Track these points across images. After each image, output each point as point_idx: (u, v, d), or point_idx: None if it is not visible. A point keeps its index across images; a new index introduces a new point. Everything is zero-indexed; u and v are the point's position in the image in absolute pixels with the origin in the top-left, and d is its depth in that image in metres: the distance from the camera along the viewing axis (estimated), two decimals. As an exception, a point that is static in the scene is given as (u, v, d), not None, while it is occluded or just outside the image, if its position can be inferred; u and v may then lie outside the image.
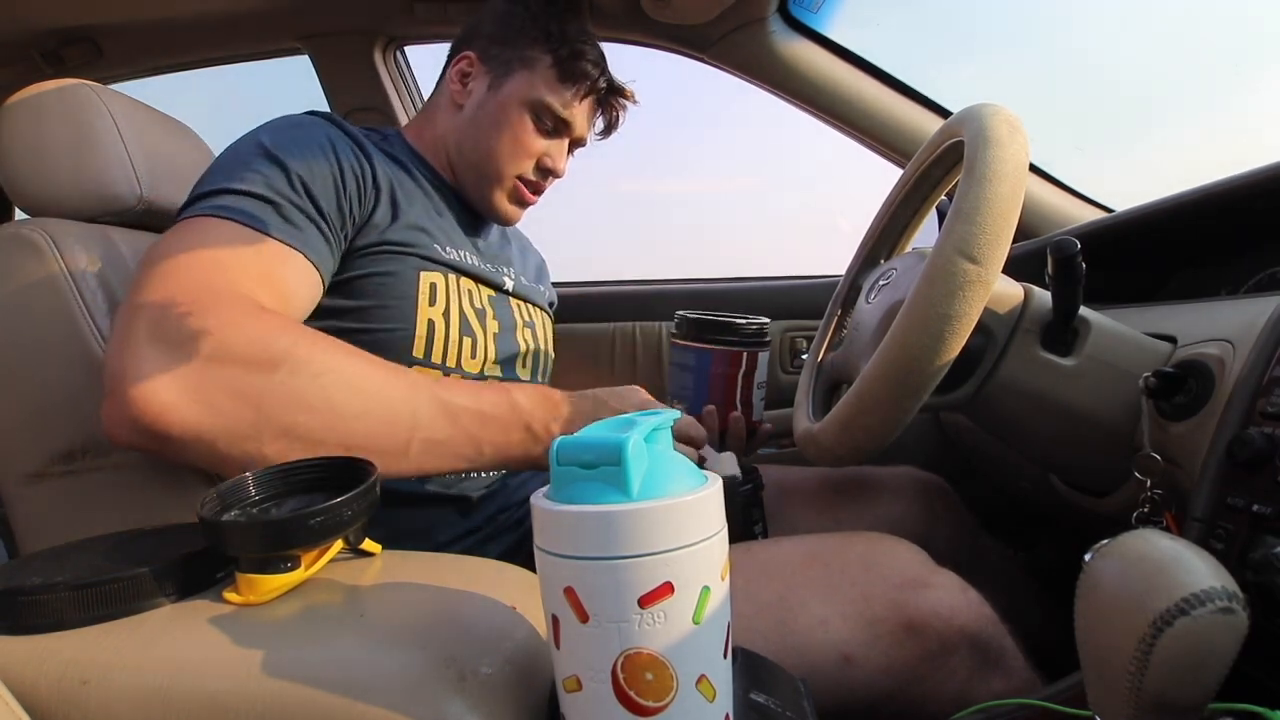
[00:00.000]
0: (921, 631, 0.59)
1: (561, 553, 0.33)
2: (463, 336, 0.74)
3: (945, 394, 0.64)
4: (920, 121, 1.18)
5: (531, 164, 0.83)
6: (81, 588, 0.41)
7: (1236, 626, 0.31)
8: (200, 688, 0.37)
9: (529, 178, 0.84)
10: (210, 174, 0.64)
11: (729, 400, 0.84)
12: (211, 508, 0.44)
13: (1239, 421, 0.49)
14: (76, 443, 0.58)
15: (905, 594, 0.61)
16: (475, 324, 0.76)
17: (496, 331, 0.79)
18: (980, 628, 0.60)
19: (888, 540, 0.67)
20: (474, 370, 0.75)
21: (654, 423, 0.36)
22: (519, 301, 0.86)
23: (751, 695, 0.42)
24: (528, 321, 0.86)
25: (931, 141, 0.74)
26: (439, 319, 0.72)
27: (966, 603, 0.61)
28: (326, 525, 0.43)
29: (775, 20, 1.14)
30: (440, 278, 0.74)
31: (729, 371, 0.84)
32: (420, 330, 0.71)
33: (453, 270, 0.76)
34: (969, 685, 0.59)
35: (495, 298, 0.81)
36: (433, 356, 0.71)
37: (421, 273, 0.72)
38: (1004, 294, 0.63)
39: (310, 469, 0.50)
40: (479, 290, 0.79)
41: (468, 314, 0.75)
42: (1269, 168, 0.69)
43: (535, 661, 0.42)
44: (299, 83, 1.30)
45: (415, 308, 0.71)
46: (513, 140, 0.81)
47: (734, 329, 0.84)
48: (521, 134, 0.81)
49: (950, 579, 0.63)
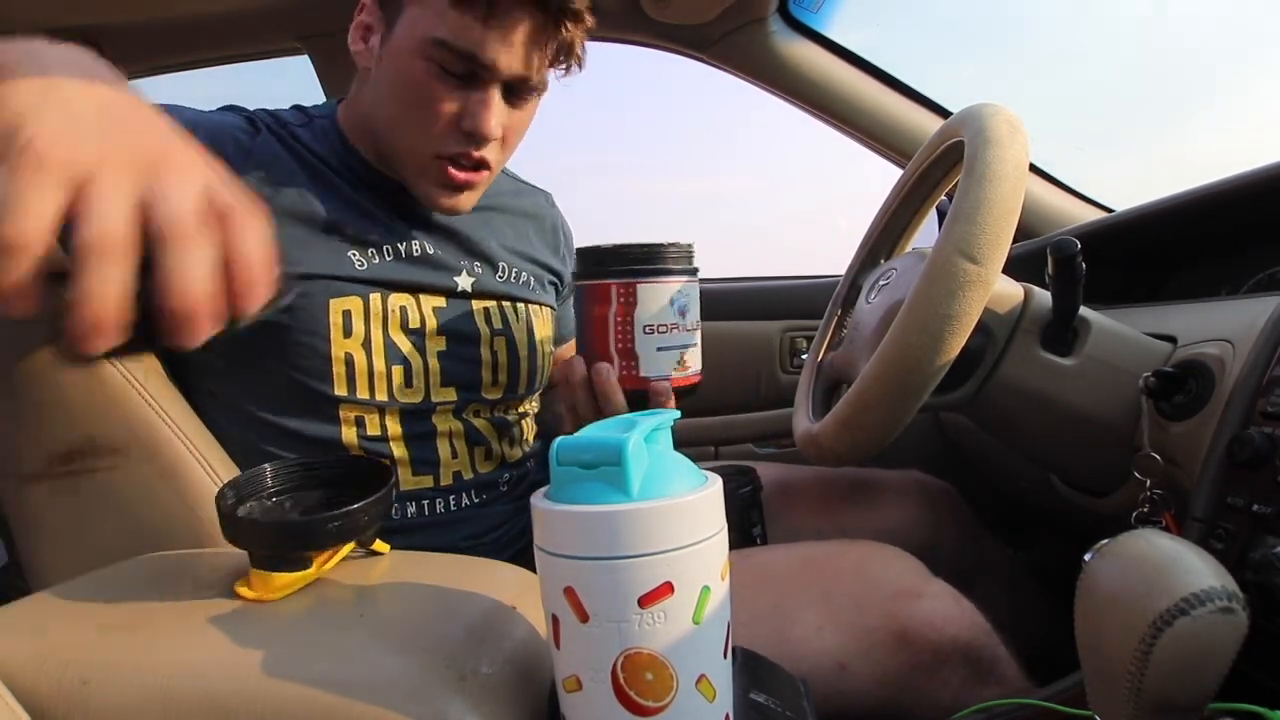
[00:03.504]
0: (914, 642, 0.59)
1: (561, 552, 0.33)
2: (390, 366, 0.64)
3: (945, 394, 0.64)
4: (920, 121, 1.18)
5: (448, 131, 0.62)
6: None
7: (1236, 626, 0.31)
8: (200, 687, 0.37)
9: (450, 149, 0.63)
10: None
11: (599, 350, 0.62)
12: (227, 499, 0.44)
13: (1239, 421, 0.49)
14: (76, 443, 0.58)
15: (898, 604, 0.61)
16: (407, 348, 0.65)
17: (442, 349, 0.67)
18: (973, 637, 0.60)
19: (882, 549, 0.67)
20: (414, 399, 0.66)
21: (654, 423, 0.36)
22: (485, 303, 0.72)
23: (751, 695, 0.42)
24: (499, 329, 0.72)
25: (931, 141, 0.74)
26: (358, 350, 0.63)
27: (960, 612, 0.61)
28: (344, 529, 0.44)
29: (775, 20, 1.14)
30: (355, 301, 0.63)
31: (597, 311, 0.62)
32: (338, 369, 0.63)
33: (374, 286, 0.64)
34: (962, 695, 0.59)
35: (445, 308, 0.68)
36: (358, 392, 0.64)
37: (331, 300, 0.62)
38: (1004, 294, 0.63)
39: (331, 465, 0.51)
40: (416, 303, 0.67)
41: (395, 339, 0.65)
42: (1269, 168, 0.69)
43: (535, 661, 0.42)
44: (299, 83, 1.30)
45: (329, 344, 0.62)
46: (415, 102, 0.62)
47: (618, 256, 0.62)
48: (424, 91, 0.61)
49: (943, 589, 0.63)
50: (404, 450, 0.67)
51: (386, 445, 0.66)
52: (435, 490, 0.68)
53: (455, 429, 0.69)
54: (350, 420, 0.65)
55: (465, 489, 0.70)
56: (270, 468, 0.48)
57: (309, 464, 0.50)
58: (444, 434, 0.69)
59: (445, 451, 0.69)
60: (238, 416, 0.65)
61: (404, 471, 0.67)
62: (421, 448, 0.68)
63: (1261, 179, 0.70)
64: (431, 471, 0.68)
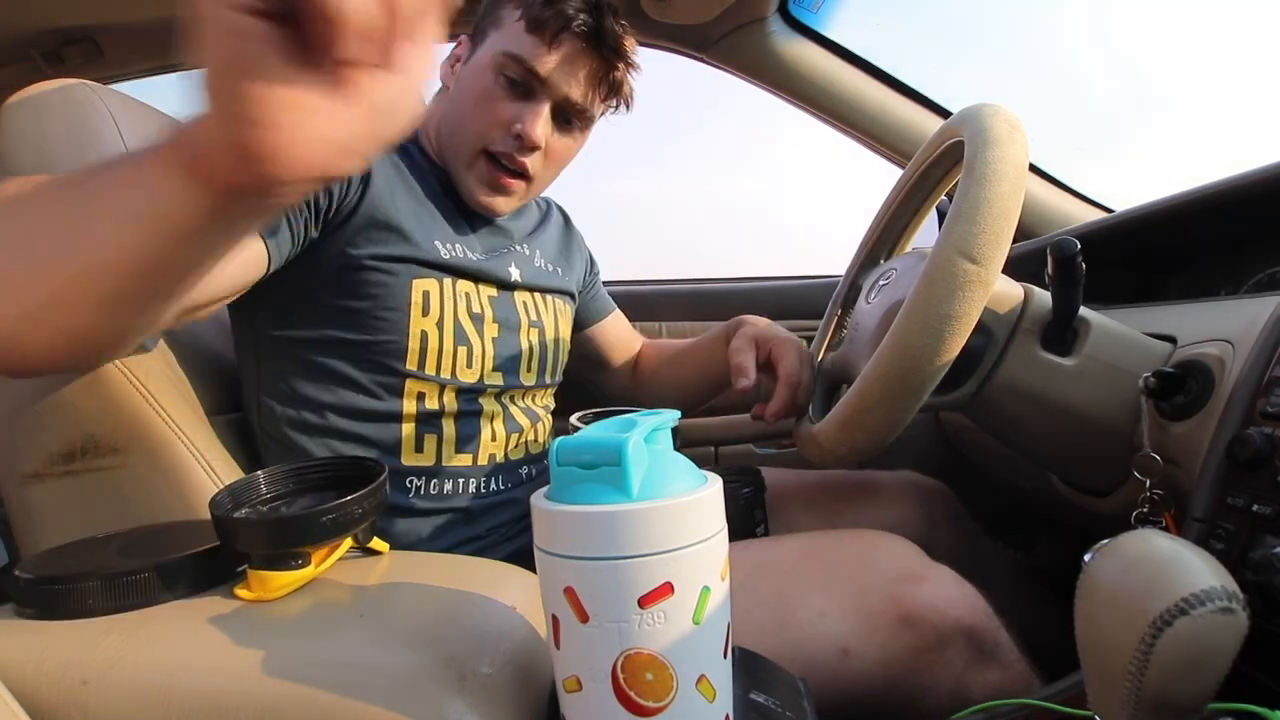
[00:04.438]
0: (917, 624, 0.59)
1: (561, 553, 0.33)
2: (457, 346, 0.71)
3: (945, 394, 0.64)
4: (920, 121, 1.18)
5: (500, 130, 0.71)
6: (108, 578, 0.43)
7: (1236, 626, 0.31)
8: (200, 687, 0.37)
9: (497, 148, 0.72)
10: None
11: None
12: (223, 505, 0.45)
13: (1239, 421, 0.49)
14: (76, 443, 0.58)
15: (901, 587, 0.61)
16: (471, 331, 0.72)
17: (496, 336, 0.75)
18: (975, 620, 0.61)
19: (883, 536, 0.68)
20: (470, 379, 0.72)
21: (654, 423, 0.36)
22: (527, 295, 0.80)
23: (751, 695, 0.42)
24: (534, 320, 0.80)
25: (931, 141, 0.74)
26: (432, 329, 0.69)
27: (961, 595, 0.62)
28: (338, 523, 0.44)
29: (775, 20, 1.14)
30: (434, 284, 0.70)
31: None
32: (413, 344, 0.68)
33: (449, 273, 0.71)
34: (965, 677, 0.60)
35: (497, 297, 0.76)
36: (426, 368, 0.69)
37: (414, 281, 0.69)
38: (1004, 294, 0.63)
39: (320, 468, 0.51)
40: (478, 291, 0.74)
41: (463, 322, 0.72)
42: (1269, 168, 0.69)
43: (535, 661, 0.42)
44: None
45: (408, 319, 0.68)
46: (479, 105, 0.72)
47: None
48: (489, 98, 0.71)
49: (945, 573, 0.63)
50: (452, 428, 0.71)
51: (439, 421, 0.70)
52: (473, 469, 0.72)
53: (496, 412, 0.74)
54: (414, 394, 0.69)
55: (497, 473, 0.74)
56: (263, 474, 0.49)
57: (300, 469, 0.51)
58: (487, 415, 0.74)
59: (486, 433, 0.73)
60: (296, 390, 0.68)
61: (448, 449, 0.71)
62: (467, 425, 0.72)
63: (1261, 179, 0.70)
64: (472, 451, 0.72)
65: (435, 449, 0.70)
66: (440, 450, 0.70)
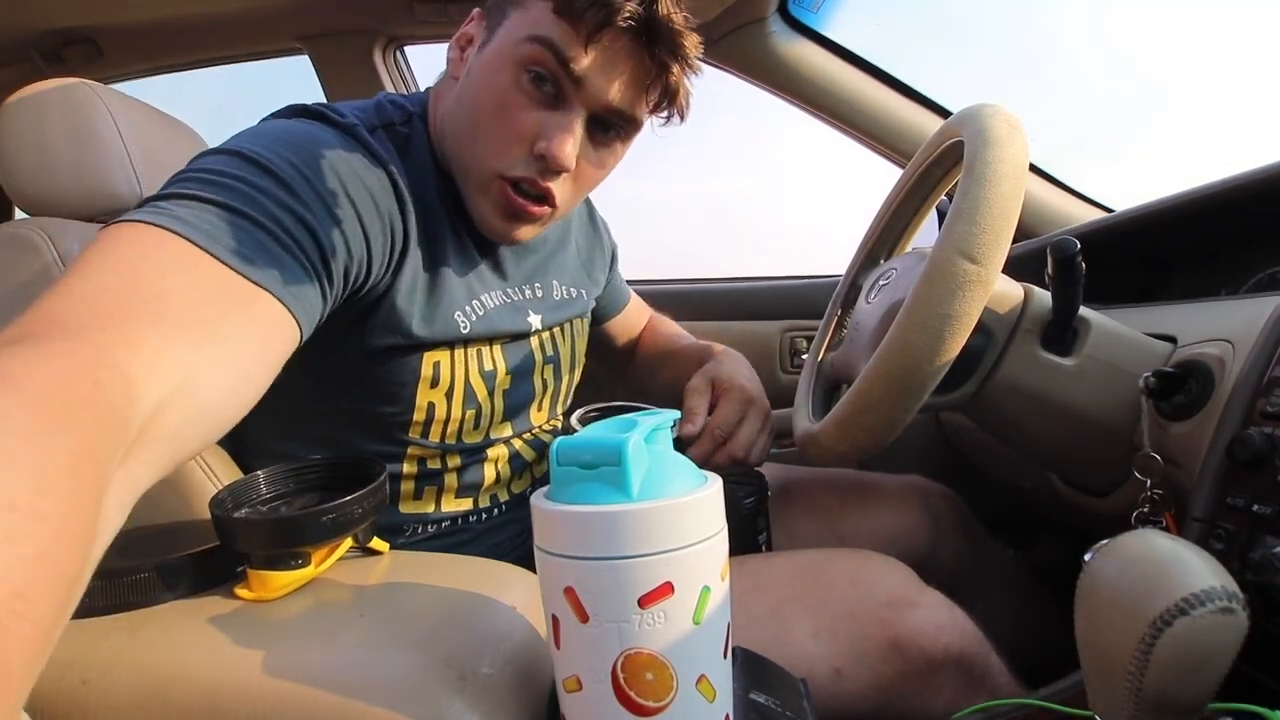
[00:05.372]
0: (906, 649, 0.59)
1: (561, 553, 0.33)
2: (465, 412, 0.64)
3: (945, 394, 0.64)
4: (920, 121, 1.17)
5: (520, 150, 0.57)
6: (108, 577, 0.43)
7: (1236, 626, 0.31)
8: (200, 687, 0.37)
9: (515, 171, 0.57)
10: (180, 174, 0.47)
11: None
12: (223, 505, 0.45)
13: (1239, 421, 0.49)
14: (76, 443, 0.58)
15: (892, 612, 0.61)
16: (481, 391, 0.65)
17: (507, 388, 0.67)
18: (965, 646, 0.60)
19: (875, 558, 0.67)
20: (476, 440, 0.67)
21: (654, 423, 0.36)
22: (545, 334, 0.72)
23: (752, 695, 0.42)
24: (549, 356, 0.72)
25: (931, 141, 0.74)
26: (440, 400, 0.62)
27: (952, 621, 0.61)
28: (338, 523, 0.44)
29: (775, 20, 1.14)
30: (446, 354, 0.62)
31: None
32: (418, 416, 0.62)
33: (464, 342, 0.63)
34: (955, 703, 0.59)
35: (510, 345, 0.68)
36: (430, 437, 0.64)
37: (426, 354, 0.61)
38: (1004, 294, 0.63)
39: (319, 469, 0.51)
40: (491, 349, 0.66)
41: (474, 385, 0.64)
42: (1269, 167, 0.69)
43: (535, 661, 0.42)
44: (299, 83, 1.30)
45: (415, 393, 0.61)
46: (493, 111, 0.56)
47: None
48: (505, 100, 0.56)
49: (936, 598, 0.63)
50: (454, 479, 0.68)
51: (440, 476, 0.67)
52: (473, 510, 0.70)
53: (501, 455, 0.71)
54: (414, 458, 0.65)
55: (497, 505, 0.72)
56: (263, 474, 0.49)
57: (299, 469, 0.51)
58: (491, 460, 0.70)
59: (490, 477, 0.70)
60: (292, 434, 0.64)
61: (447, 497, 0.68)
62: (470, 474, 0.69)
63: (1261, 179, 0.70)
64: (472, 495, 0.70)
65: (435, 497, 0.68)
66: (440, 498, 0.68)
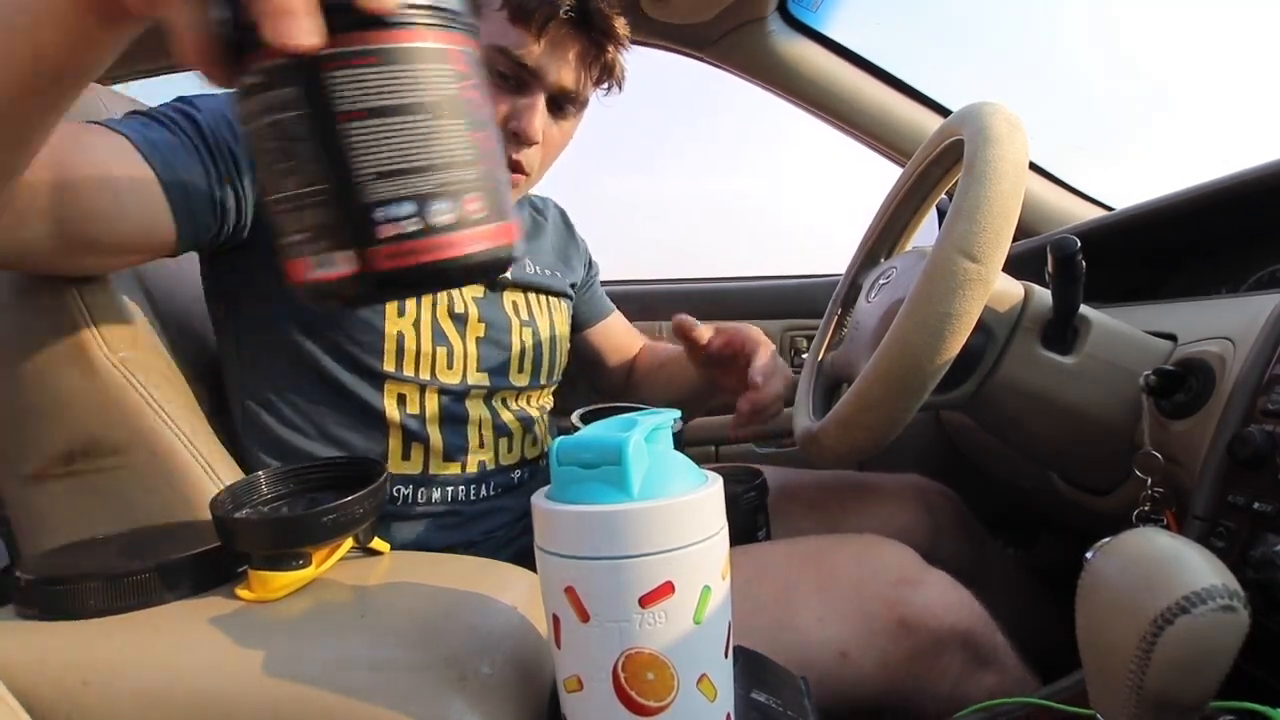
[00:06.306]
0: (915, 629, 0.60)
1: (562, 552, 0.33)
2: (435, 347, 0.69)
3: (945, 392, 0.64)
4: (920, 120, 1.17)
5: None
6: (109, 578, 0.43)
7: (1238, 624, 0.31)
8: (201, 688, 0.37)
9: None
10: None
11: None
12: (224, 505, 0.45)
13: (1240, 419, 0.49)
14: (76, 443, 0.58)
15: (898, 591, 0.61)
16: (451, 331, 0.70)
17: (481, 336, 0.72)
18: (972, 625, 0.61)
19: (879, 541, 0.68)
20: (453, 381, 0.70)
21: (654, 422, 0.36)
22: (518, 294, 0.78)
23: (753, 695, 0.42)
24: (526, 320, 0.78)
25: (931, 140, 0.74)
26: (408, 330, 0.67)
27: (959, 600, 0.62)
28: (339, 523, 0.44)
29: (774, 19, 1.14)
30: None
31: None
32: (389, 345, 0.67)
33: None
34: (962, 681, 0.60)
35: (483, 298, 0.74)
36: (404, 369, 0.68)
37: None
38: (1004, 292, 0.63)
39: (320, 469, 0.52)
40: (460, 291, 0.72)
41: (442, 322, 0.70)
42: (1269, 165, 0.69)
43: (536, 661, 0.42)
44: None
45: (382, 319, 0.66)
46: None
47: None
48: None
49: (941, 577, 0.63)
50: (439, 436, 0.70)
51: (425, 427, 0.69)
52: (461, 477, 0.72)
53: (485, 418, 0.73)
54: (394, 395, 0.68)
55: (487, 479, 0.73)
56: (264, 474, 0.49)
57: (301, 469, 0.51)
58: (474, 421, 0.72)
59: (474, 439, 0.72)
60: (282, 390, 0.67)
61: (435, 459, 0.70)
62: (454, 434, 0.71)
63: (1262, 177, 0.70)
64: (460, 459, 0.72)
65: (423, 458, 0.69)
66: (428, 459, 0.69)
